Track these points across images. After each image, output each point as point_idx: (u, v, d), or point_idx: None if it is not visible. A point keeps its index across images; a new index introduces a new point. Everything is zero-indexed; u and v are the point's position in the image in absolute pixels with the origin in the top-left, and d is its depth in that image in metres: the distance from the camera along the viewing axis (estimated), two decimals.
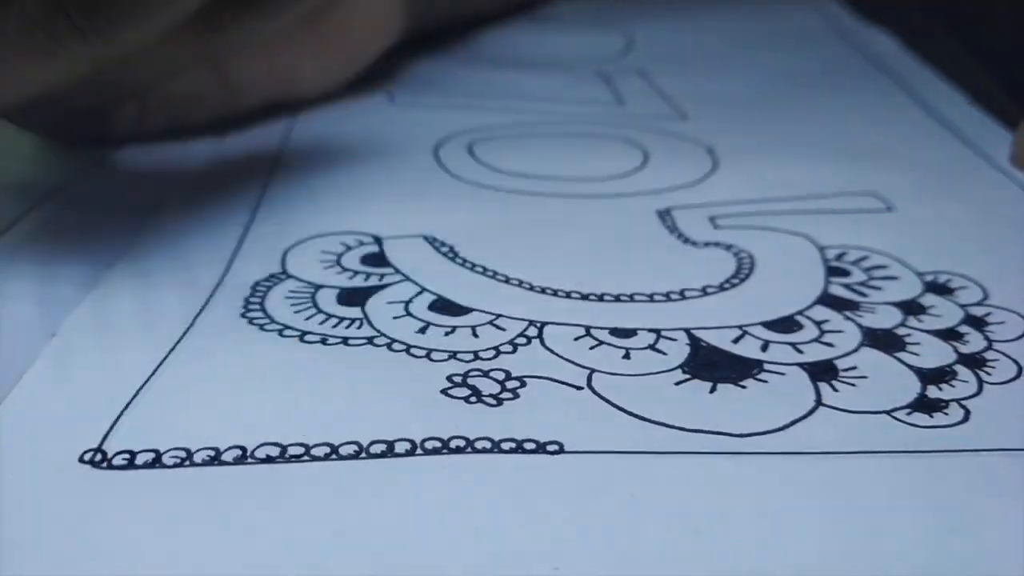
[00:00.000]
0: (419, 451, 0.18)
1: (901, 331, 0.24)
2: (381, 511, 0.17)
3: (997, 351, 0.23)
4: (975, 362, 0.22)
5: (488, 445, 0.19)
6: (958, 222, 0.30)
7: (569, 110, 0.38)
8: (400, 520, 0.17)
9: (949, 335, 0.24)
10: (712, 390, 0.21)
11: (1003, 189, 0.32)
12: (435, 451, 0.18)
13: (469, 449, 0.19)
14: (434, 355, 0.22)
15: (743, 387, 0.21)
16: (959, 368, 0.22)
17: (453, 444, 0.19)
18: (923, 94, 0.40)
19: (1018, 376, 0.22)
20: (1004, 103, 0.39)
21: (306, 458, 0.18)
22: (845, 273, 0.26)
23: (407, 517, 0.17)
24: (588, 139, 0.35)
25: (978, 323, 0.24)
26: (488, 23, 0.48)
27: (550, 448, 0.19)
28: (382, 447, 0.18)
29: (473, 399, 0.20)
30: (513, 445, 0.19)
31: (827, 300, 0.25)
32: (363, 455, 0.18)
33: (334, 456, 0.18)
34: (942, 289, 0.26)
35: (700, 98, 0.39)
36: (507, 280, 0.25)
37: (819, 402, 0.21)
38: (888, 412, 0.20)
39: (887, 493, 0.18)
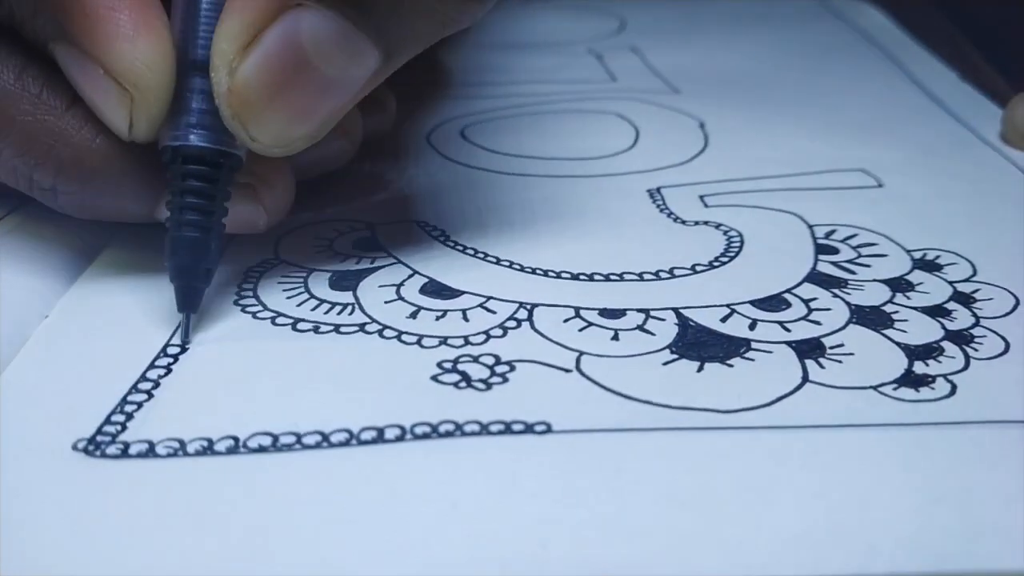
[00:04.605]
0: (408, 436, 0.19)
1: (889, 308, 0.24)
2: (372, 497, 0.17)
3: (984, 327, 0.23)
4: (962, 338, 0.23)
5: (476, 428, 0.19)
6: (947, 198, 0.30)
7: (562, 89, 0.38)
8: (391, 505, 0.17)
9: (937, 312, 0.24)
10: (700, 369, 0.21)
11: (993, 165, 0.32)
12: (424, 436, 0.19)
13: (458, 433, 0.19)
14: (425, 341, 0.22)
15: (730, 365, 0.21)
16: (946, 344, 0.22)
17: (442, 429, 0.19)
18: (914, 70, 0.40)
19: (1005, 352, 0.22)
20: (994, 79, 0.40)
21: (298, 447, 0.18)
22: (834, 251, 0.26)
23: (397, 501, 0.17)
24: (580, 116, 0.35)
25: (966, 299, 0.24)
26: None
27: (538, 428, 0.19)
28: (372, 434, 0.19)
29: (463, 384, 0.20)
30: (502, 427, 0.19)
31: (815, 278, 0.25)
32: (354, 442, 0.19)
33: (325, 444, 0.18)
34: (931, 266, 0.26)
35: (692, 74, 0.39)
36: (498, 261, 0.25)
37: (806, 378, 0.21)
38: (874, 387, 0.21)
39: (873, 465, 0.18)
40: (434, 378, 0.20)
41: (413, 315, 0.23)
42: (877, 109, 0.37)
